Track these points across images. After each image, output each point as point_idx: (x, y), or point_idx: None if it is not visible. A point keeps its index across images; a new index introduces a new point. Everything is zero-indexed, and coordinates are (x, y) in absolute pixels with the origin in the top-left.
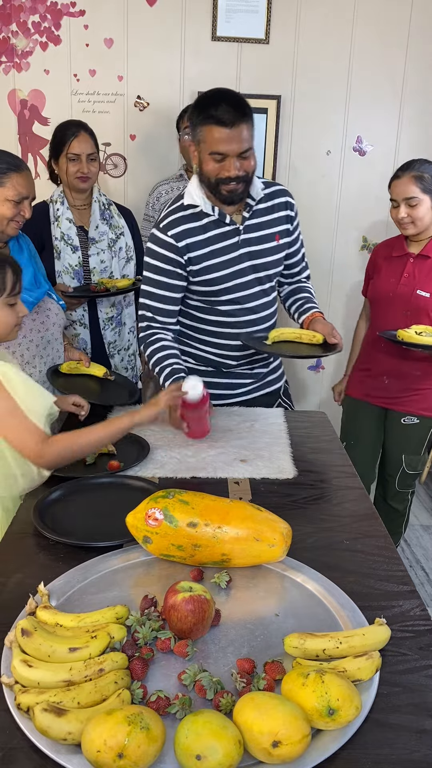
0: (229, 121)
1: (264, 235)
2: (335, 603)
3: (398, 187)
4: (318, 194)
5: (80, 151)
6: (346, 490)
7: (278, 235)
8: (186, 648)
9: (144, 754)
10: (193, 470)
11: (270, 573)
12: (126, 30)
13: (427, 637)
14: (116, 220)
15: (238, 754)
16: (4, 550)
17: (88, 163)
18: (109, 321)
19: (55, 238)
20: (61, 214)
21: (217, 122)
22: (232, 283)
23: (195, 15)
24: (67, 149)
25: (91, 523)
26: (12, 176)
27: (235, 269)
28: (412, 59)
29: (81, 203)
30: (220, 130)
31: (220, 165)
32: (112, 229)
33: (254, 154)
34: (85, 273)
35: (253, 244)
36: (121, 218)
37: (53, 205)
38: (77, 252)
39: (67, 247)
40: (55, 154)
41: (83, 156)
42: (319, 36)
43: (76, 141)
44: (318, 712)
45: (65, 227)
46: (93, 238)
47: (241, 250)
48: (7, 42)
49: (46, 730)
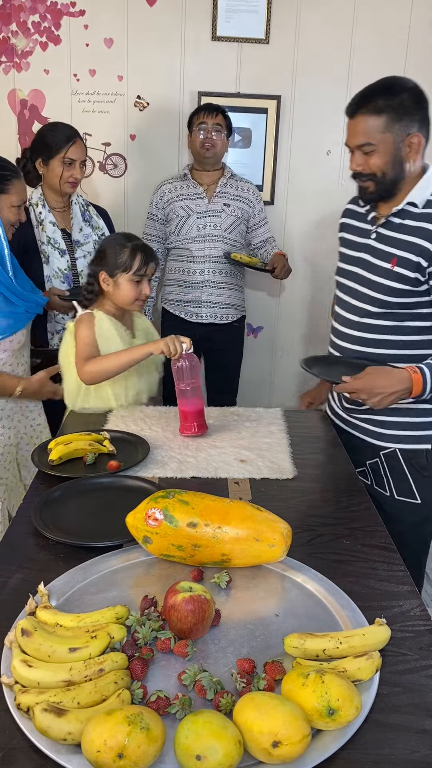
0: (349, 112)
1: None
2: (335, 603)
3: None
4: (318, 194)
5: (76, 157)
6: (346, 491)
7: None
8: (186, 648)
9: (144, 754)
10: (193, 470)
11: (270, 573)
12: (126, 30)
13: (427, 637)
14: (96, 220)
15: (238, 754)
16: (4, 550)
17: (80, 169)
18: None
19: (41, 243)
20: (44, 217)
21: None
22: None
23: (195, 15)
24: (65, 154)
25: (91, 523)
26: (15, 182)
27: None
28: (412, 59)
29: (61, 206)
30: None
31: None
32: (94, 231)
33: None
34: (73, 276)
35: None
36: (100, 219)
37: (34, 208)
38: (65, 255)
39: (55, 251)
40: (45, 155)
41: (78, 162)
42: (319, 36)
43: (74, 147)
44: (318, 712)
45: (50, 231)
46: (78, 241)
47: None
48: (7, 42)
49: (46, 730)
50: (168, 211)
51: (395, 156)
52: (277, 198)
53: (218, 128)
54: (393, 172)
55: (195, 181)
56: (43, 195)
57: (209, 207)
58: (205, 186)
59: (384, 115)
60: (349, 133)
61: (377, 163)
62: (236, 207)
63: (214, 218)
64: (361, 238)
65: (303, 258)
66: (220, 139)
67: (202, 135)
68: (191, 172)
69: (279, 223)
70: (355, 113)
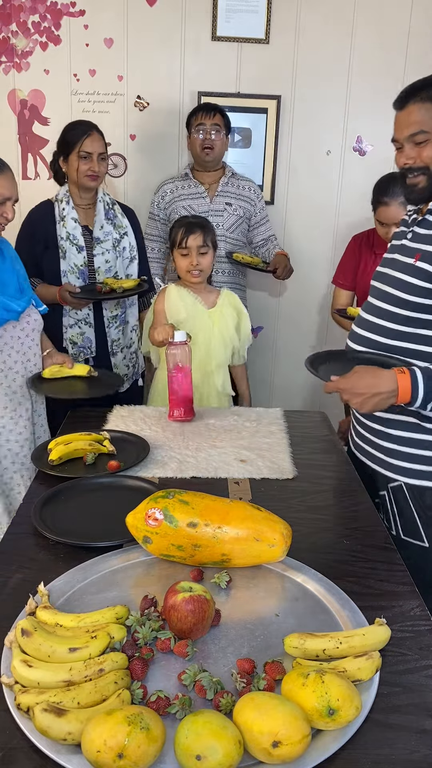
0: (398, 104)
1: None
2: (335, 603)
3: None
4: (318, 194)
5: (92, 150)
6: (346, 490)
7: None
8: (186, 648)
9: (144, 754)
10: (193, 470)
11: (270, 573)
12: (126, 30)
13: (427, 637)
14: (120, 219)
15: (238, 754)
16: (4, 550)
17: (98, 162)
18: (114, 319)
19: (60, 238)
20: (66, 213)
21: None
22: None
23: (195, 15)
24: (80, 147)
25: (91, 523)
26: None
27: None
28: (412, 59)
29: (86, 203)
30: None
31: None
32: (116, 229)
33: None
34: (89, 273)
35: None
36: (124, 218)
37: (58, 204)
38: (82, 252)
39: (73, 247)
40: (65, 152)
41: (95, 155)
42: (319, 36)
43: (89, 139)
44: (318, 712)
45: (71, 227)
46: (98, 238)
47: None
48: (7, 42)
49: (46, 730)
50: (170, 211)
51: None
52: (277, 198)
53: (217, 128)
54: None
55: (196, 180)
56: (69, 192)
57: (211, 206)
58: (207, 185)
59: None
60: (398, 126)
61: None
62: (238, 206)
63: (216, 218)
64: (399, 240)
65: (303, 258)
66: (219, 139)
67: (201, 136)
68: (192, 171)
69: (279, 223)
70: (405, 104)
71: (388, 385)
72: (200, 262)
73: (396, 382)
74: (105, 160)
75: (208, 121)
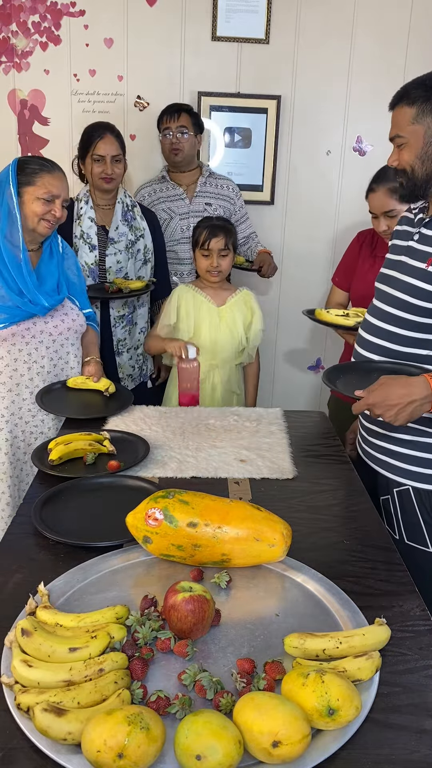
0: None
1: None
2: (335, 603)
3: (375, 201)
4: (318, 194)
5: (105, 153)
6: (346, 490)
7: None
8: (186, 648)
9: (144, 754)
10: (193, 470)
11: (270, 573)
12: (126, 30)
13: (427, 637)
14: (138, 222)
15: (238, 754)
16: (4, 550)
17: (112, 165)
18: (120, 319)
19: (75, 236)
20: (84, 212)
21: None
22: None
23: (195, 15)
24: (93, 150)
25: (91, 523)
26: (43, 176)
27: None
28: (412, 59)
29: (105, 203)
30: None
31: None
32: (133, 231)
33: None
34: (100, 272)
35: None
36: (143, 220)
37: (78, 203)
38: (94, 251)
39: (85, 245)
40: (82, 154)
41: (108, 157)
42: (319, 36)
43: (102, 142)
44: (318, 712)
45: (86, 226)
46: (112, 239)
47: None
48: (7, 42)
49: (46, 730)
50: None
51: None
52: (277, 198)
53: (183, 130)
54: (423, 169)
55: (174, 182)
56: (88, 192)
57: (191, 207)
58: (185, 186)
59: (415, 106)
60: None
61: (406, 157)
62: (218, 205)
63: (197, 218)
64: (404, 241)
65: (302, 258)
66: (186, 140)
67: (167, 138)
68: (169, 173)
69: (279, 223)
70: (394, 105)
71: (422, 392)
72: (220, 264)
73: (429, 388)
74: (120, 162)
75: (173, 124)
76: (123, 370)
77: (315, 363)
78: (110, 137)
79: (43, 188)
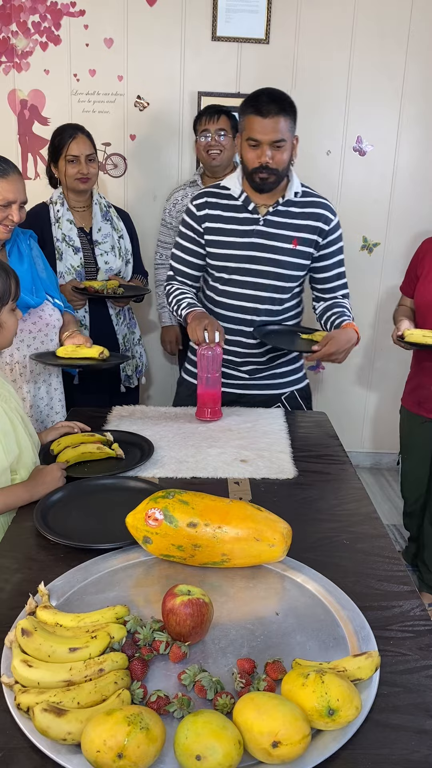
0: (266, 112)
1: (281, 234)
2: (335, 603)
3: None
4: None
5: (79, 153)
6: (347, 490)
7: (297, 240)
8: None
9: (144, 754)
10: (193, 470)
11: (270, 573)
12: (126, 30)
13: (427, 637)
14: (116, 222)
15: (237, 755)
16: (4, 550)
17: (87, 164)
18: (118, 315)
19: (56, 240)
20: (61, 215)
21: (256, 111)
22: (241, 265)
23: (195, 15)
24: (66, 151)
25: (91, 524)
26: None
27: (247, 254)
28: (412, 59)
29: (81, 205)
30: (257, 118)
31: (255, 153)
32: (115, 231)
33: (290, 150)
34: (88, 274)
35: (267, 238)
36: (120, 221)
37: (53, 206)
38: (79, 253)
39: (69, 248)
40: (53, 157)
41: (82, 157)
42: (319, 36)
43: (74, 143)
44: (318, 713)
45: (66, 228)
46: (96, 240)
47: (254, 239)
48: (7, 42)
49: (46, 730)
50: None
51: None
52: None
53: (222, 133)
54: None
55: None
56: (63, 194)
57: None
58: None
59: None
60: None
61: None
62: None
63: None
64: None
65: None
66: (224, 143)
67: (205, 140)
68: (203, 177)
69: None
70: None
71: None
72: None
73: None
74: (94, 161)
75: (213, 126)
76: (128, 366)
77: (315, 363)
78: (82, 137)
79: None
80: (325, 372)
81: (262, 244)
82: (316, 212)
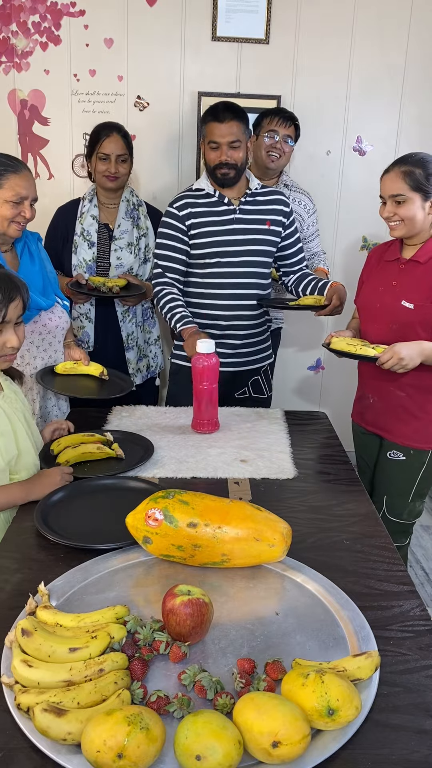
0: (222, 118)
1: (257, 219)
2: (335, 603)
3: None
4: (318, 194)
5: (110, 152)
6: (346, 491)
7: (269, 221)
8: (180, 651)
9: (144, 754)
10: (193, 470)
11: (270, 573)
12: (126, 30)
13: (427, 637)
14: (143, 221)
15: (237, 755)
16: (4, 550)
17: (117, 164)
18: (126, 313)
19: (76, 234)
20: (86, 210)
21: (214, 118)
22: (224, 249)
23: (195, 15)
24: (99, 148)
25: (91, 524)
26: (10, 177)
27: (230, 238)
28: (412, 59)
29: (110, 202)
30: (216, 124)
31: (215, 153)
32: (137, 229)
33: (244, 149)
34: (100, 269)
35: (246, 223)
36: (147, 220)
37: (82, 201)
38: (93, 248)
39: (84, 242)
40: (89, 152)
41: (113, 156)
42: (319, 36)
43: (108, 141)
44: (318, 712)
45: (87, 223)
46: (115, 236)
47: (235, 225)
48: (7, 42)
49: (46, 730)
50: None
51: None
52: None
53: (288, 139)
54: None
55: None
56: (94, 190)
57: None
58: None
59: None
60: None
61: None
62: None
63: None
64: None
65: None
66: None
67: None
68: None
69: None
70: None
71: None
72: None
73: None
74: (126, 162)
75: (282, 130)
76: (132, 365)
77: (315, 363)
78: (117, 136)
79: (11, 191)
80: (324, 372)
81: (243, 228)
82: (278, 198)
